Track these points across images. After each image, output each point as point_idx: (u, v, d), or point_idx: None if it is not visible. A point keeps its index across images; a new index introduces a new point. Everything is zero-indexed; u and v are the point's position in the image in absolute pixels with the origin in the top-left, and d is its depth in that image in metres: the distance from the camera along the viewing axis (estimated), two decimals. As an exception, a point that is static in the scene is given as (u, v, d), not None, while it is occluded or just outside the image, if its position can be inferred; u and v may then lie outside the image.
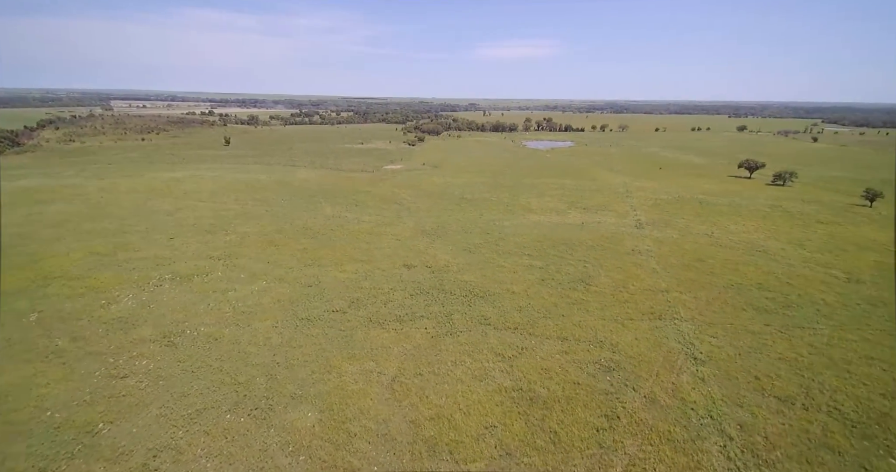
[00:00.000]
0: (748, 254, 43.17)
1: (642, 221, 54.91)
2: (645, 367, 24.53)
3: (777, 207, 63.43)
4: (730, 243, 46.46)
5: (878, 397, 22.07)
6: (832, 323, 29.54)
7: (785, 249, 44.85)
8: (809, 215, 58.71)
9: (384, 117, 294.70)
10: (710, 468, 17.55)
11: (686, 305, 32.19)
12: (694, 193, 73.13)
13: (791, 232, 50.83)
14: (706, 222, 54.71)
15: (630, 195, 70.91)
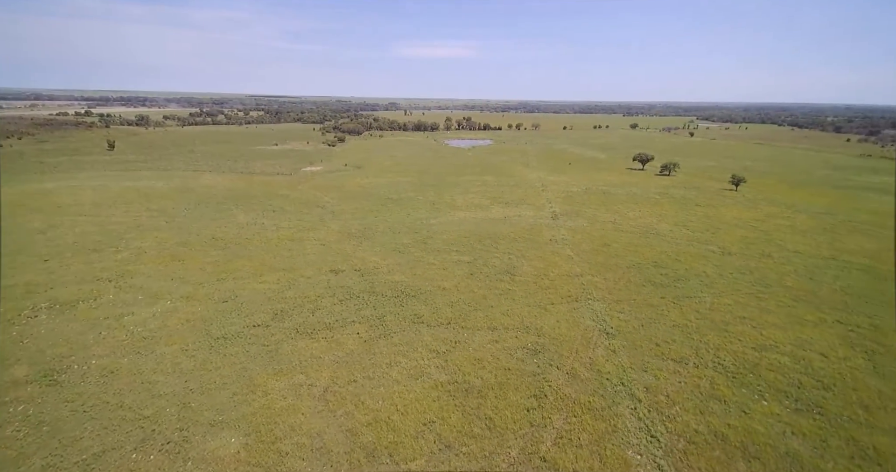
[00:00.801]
0: (644, 236, 48.87)
1: (557, 213, 59.22)
2: (566, 346, 26.61)
3: (665, 194, 72.63)
4: (630, 228, 52.16)
5: (750, 350, 26.44)
6: (712, 291, 34.69)
7: (673, 230, 51.57)
8: (690, 200, 68.17)
9: (299, 117, 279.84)
10: (625, 430, 19.65)
11: (597, 286, 35.50)
12: (599, 185, 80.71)
13: (677, 215, 58.55)
14: (610, 211, 60.75)
15: (545, 189, 76.03)
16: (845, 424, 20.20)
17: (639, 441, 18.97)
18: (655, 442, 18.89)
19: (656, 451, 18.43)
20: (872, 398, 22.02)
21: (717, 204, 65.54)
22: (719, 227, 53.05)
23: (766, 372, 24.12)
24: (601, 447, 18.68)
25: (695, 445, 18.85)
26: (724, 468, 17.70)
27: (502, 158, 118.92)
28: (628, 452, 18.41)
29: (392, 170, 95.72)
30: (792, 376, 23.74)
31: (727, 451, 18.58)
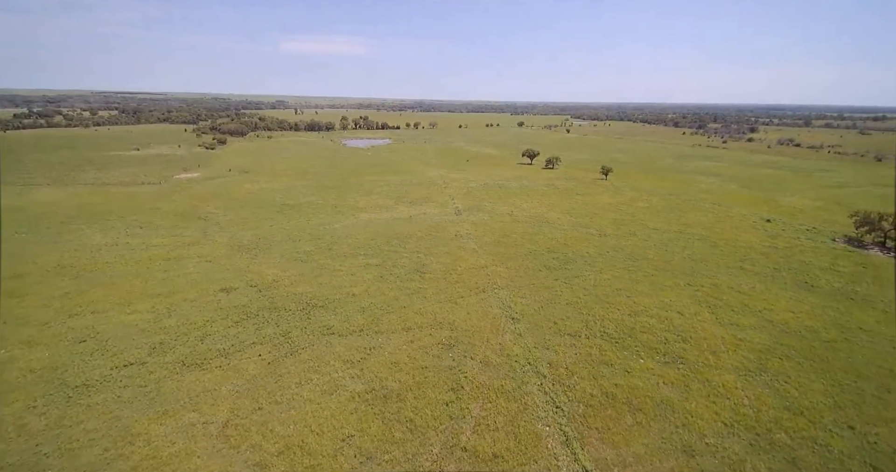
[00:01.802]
0: (538, 225, 53.44)
1: (460, 209, 61.43)
2: (478, 336, 27.82)
3: (551, 186, 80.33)
4: (524, 219, 56.53)
5: (627, 317, 30.66)
6: (595, 269, 39.41)
7: (560, 218, 57.30)
8: (572, 190, 76.46)
9: (165, 116, 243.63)
10: (534, 406, 21.31)
11: (501, 275, 37.78)
12: (495, 180, 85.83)
13: (562, 204, 65.19)
14: (506, 204, 65.06)
15: (447, 186, 78.26)
16: (701, 369, 24.70)
17: (546, 414, 20.74)
18: (560, 412, 20.86)
19: (561, 419, 20.36)
20: (718, 344, 27.29)
21: (592, 192, 74.59)
22: (596, 212, 60.47)
23: (640, 334, 28.26)
24: (515, 426, 19.97)
25: (591, 407, 21.28)
26: (615, 423, 20.30)
27: (403, 157, 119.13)
28: (538, 425, 20.01)
29: (286, 173, 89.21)
30: (659, 335, 28.20)
31: (616, 408, 21.35)
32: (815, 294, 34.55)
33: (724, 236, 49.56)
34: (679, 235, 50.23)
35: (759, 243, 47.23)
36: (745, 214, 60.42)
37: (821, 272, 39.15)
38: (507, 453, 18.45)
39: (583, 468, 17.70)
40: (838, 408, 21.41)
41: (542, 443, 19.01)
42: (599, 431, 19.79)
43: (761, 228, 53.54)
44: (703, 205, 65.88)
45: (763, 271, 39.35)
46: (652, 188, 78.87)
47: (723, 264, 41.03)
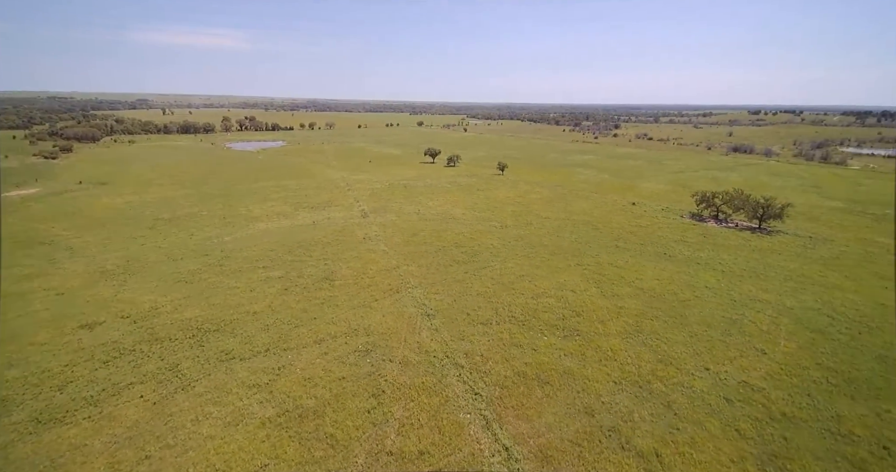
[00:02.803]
0: (444, 222, 55.00)
1: (366, 211, 60.18)
2: (395, 337, 27.70)
3: (454, 183, 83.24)
4: (431, 216, 57.71)
5: (530, 300, 33.30)
6: (499, 259, 42.00)
7: (465, 213, 59.76)
8: (473, 186, 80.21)
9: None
10: (454, 397, 22.04)
11: (413, 274, 38.09)
12: (399, 179, 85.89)
13: (466, 200, 68.03)
14: (413, 203, 65.63)
15: (351, 188, 75.98)
16: (593, 337, 28.02)
17: (466, 402, 21.62)
18: (479, 398, 21.91)
19: (480, 405, 21.41)
20: (604, 314, 31.20)
21: (491, 187, 79.19)
22: (496, 206, 64.37)
23: (542, 314, 30.98)
24: (438, 420, 20.42)
25: (506, 388, 22.76)
26: (528, 399, 22.02)
27: (300, 160, 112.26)
28: (460, 415, 20.76)
29: (158, 183, 77.64)
30: (558, 312, 31.26)
31: (528, 385, 23.17)
32: (672, 262, 41.57)
33: (602, 220, 56.74)
34: (567, 221, 56.08)
35: (628, 224, 55.15)
36: (616, 199, 69.89)
37: (675, 244, 47.23)
38: (432, 447, 18.79)
39: (503, 447, 18.87)
40: (696, 354, 26.16)
41: (464, 431, 19.77)
42: (515, 409, 21.28)
43: (629, 210, 62.53)
44: (584, 193, 74.48)
45: (633, 247, 46.06)
46: (542, 181, 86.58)
47: (602, 244, 46.98)
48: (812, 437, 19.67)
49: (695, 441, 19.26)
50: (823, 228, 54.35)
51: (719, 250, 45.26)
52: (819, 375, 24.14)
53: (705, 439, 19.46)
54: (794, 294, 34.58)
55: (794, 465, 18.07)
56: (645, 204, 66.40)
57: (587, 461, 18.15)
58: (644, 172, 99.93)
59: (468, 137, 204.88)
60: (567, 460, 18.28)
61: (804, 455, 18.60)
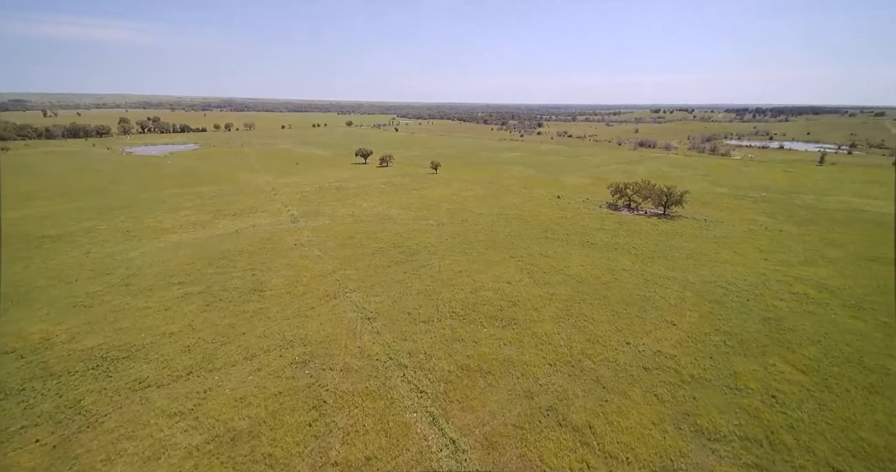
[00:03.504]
0: (381, 223, 54.21)
1: (296, 215, 57.25)
2: (335, 344, 26.77)
3: (388, 183, 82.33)
4: (367, 218, 56.55)
5: (469, 295, 34.06)
6: (438, 256, 42.42)
7: (401, 213, 59.42)
8: (408, 185, 79.99)
9: None
10: (400, 398, 21.90)
11: (351, 278, 37.07)
12: (330, 181, 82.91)
13: (401, 200, 67.65)
14: (346, 205, 63.77)
15: (277, 193, 71.75)
16: (529, 325, 29.45)
17: (412, 402, 21.59)
18: (424, 395, 22.01)
19: (426, 402, 21.51)
20: (538, 302, 32.92)
21: (426, 186, 79.62)
22: (432, 204, 64.86)
23: (481, 307, 31.90)
24: (384, 423, 20.16)
25: (450, 383, 23.12)
26: (472, 391, 22.59)
27: (217, 164, 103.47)
28: (406, 415, 20.68)
29: (41, 196, 66.90)
30: (496, 304, 32.40)
31: (471, 377, 23.75)
32: (594, 249, 45.06)
33: (531, 213, 59.77)
34: (500, 216, 58.23)
35: (555, 216, 58.76)
36: (543, 193, 74.04)
37: (595, 232, 51.26)
38: (379, 452, 18.50)
39: (450, 440, 19.16)
40: (618, 331, 28.67)
41: (411, 431, 19.73)
42: (460, 402, 21.70)
43: (554, 203, 66.60)
44: (514, 189, 77.85)
45: (560, 237, 49.18)
46: (475, 178, 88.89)
47: (533, 236, 49.54)
48: (715, 394, 22.58)
49: (621, 410, 21.15)
50: (715, 211, 62.44)
51: (633, 236, 49.97)
52: (718, 339, 27.75)
53: (630, 406, 21.45)
54: (694, 270, 39.33)
55: (703, 420, 20.61)
56: (568, 197, 71.13)
57: (529, 442, 19.09)
58: (566, 167, 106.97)
59: (400, 137, 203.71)
60: (510, 443, 19.07)
61: (710, 410, 21.29)
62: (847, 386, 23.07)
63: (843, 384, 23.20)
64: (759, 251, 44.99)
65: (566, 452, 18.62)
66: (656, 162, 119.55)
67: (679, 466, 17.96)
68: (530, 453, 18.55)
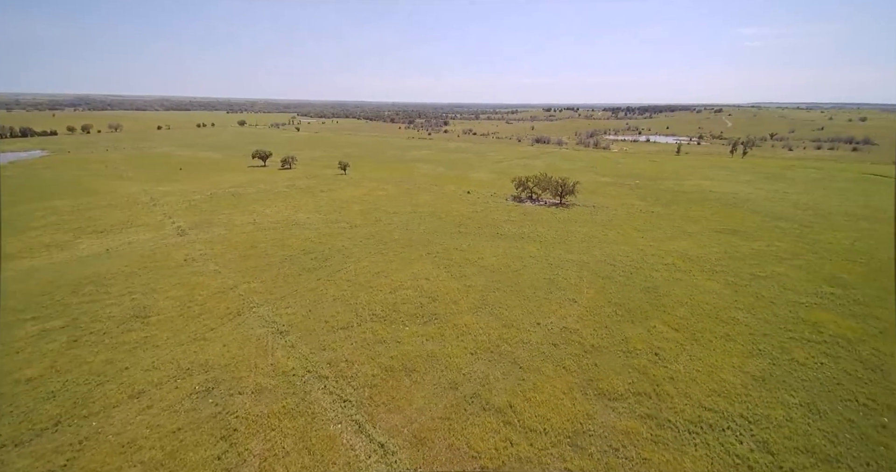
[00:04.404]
0: (287, 229, 50.74)
1: (184, 228, 50.78)
2: (242, 366, 24.43)
3: (293, 186, 77.35)
4: (271, 225, 52.48)
5: (388, 295, 33.64)
6: (353, 259, 41.14)
7: (310, 217, 56.30)
8: (315, 188, 76.05)
9: None
10: (322, 411, 20.87)
11: (256, 291, 34.11)
12: (224, 187, 75.09)
13: (308, 203, 64.08)
14: (245, 212, 58.39)
15: (157, 203, 62.82)
16: (449, 317, 30.15)
17: (335, 413, 20.72)
18: (348, 404, 21.27)
19: (351, 411, 20.82)
20: (456, 295, 33.85)
21: (335, 188, 76.57)
22: (342, 206, 62.62)
23: (402, 306, 31.80)
24: (306, 441, 19.04)
25: (375, 387, 22.69)
26: (397, 391, 22.45)
27: (75, 173, 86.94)
28: (331, 427, 19.79)
29: None
30: (416, 302, 32.56)
31: (396, 377, 23.59)
32: (504, 240, 47.80)
33: (444, 210, 61.17)
34: (413, 214, 58.52)
35: (466, 210, 60.96)
36: (454, 189, 76.23)
37: (504, 223, 54.40)
38: (303, 471, 17.44)
39: (378, 445, 18.83)
40: (529, 313, 30.86)
41: (336, 443, 18.94)
42: (386, 404, 21.42)
43: (465, 199, 69.07)
44: (426, 187, 78.84)
45: (472, 231, 51.19)
46: (385, 177, 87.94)
47: (447, 231, 50.78)
48: (612, 358, 25.60)
49: (537, 386, 22.86)
50: (600, 198, 70.49)
51: (536, 225, 54.10)
52: (611, 310, 31.47)
53: (543, 381, 23.29)
54: (588, 252, 44.01)
55: (604, 384, 23.24)
56: (477, 192, 74.27)
57: (456, 431, 19.63)
58: (473, 164, 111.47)
59: (302, 137, 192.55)
60: (439, 436, 19.41)
61: (609, 374, 24.09)
62: (709, 337, 27.92)
63: (706, 336, 28.01)
64: (637, 230, 52.00)
65: (491, 433, 19.55)
66: (551, 156, 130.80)
67: (588, 428, 20.03)
68: (458, 441, 19.10)
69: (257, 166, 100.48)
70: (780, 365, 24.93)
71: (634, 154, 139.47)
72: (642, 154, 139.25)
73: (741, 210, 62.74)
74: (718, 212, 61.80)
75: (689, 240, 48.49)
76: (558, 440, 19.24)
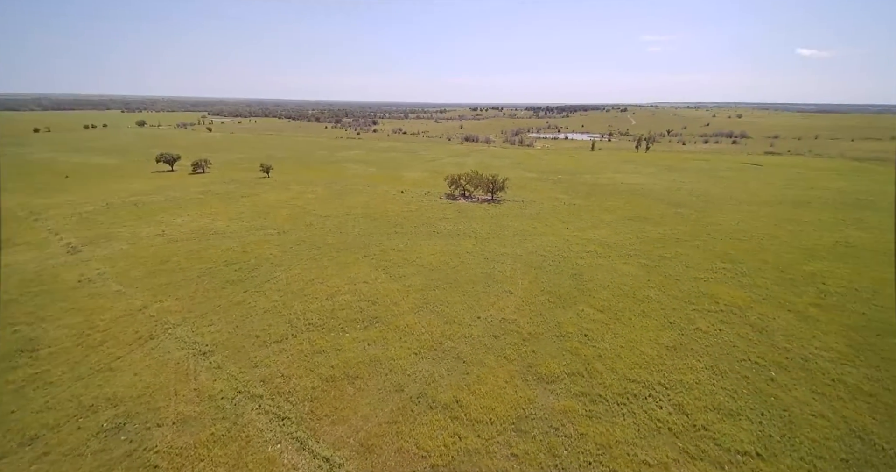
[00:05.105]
0: (205, 239, 46.36)
1: (75, 245, 44.08)
2: (160, 395, 21.89)
3: (208, 192, 70.81)
4: (184, 236, 47.56)
5: (325, 302, 32.25)
6: (284, 268, 38.78)
7: (230, 225, 51.97)
8: (234, 193, 70.36)
9: None
10: (257, 432, 19.43)
11: (171, 310, 30.73)
12: (123, 196, 66.42)
13: (228, 210, 59.13)
14: (152, 223, 52.28)
15: (39, 217, 53.81)
16: (391, 319, 29.72)
17: (273, 433, 19.42)
18: (287, 421, 20.05)
19: (290, 428, 19.66)
20: (396, 296, 33.46)
21: (258, 192, 71.54)
22: (268, 212, 58.74)
23: (340, 312, 30.71)
24: (242, 466, 17.59)
25: (316, 400, 21.67)
26: (340, 401, 21.66)
27: (-83, 187, 71.04)
28: (269, 449, 18.51)
29: None
30: (355, 306, 31.64)
31: (338, 386, 22.74)
32: (440, 237, 48.28)
33: (378, 210, 60.14)
34: (347, 216, 56.76)
35: (402, 210, 60.56)
36: (387, 190, 75.26)
37: (439, 222, 54.94)
38: (241, 500, 16.13)
39: (324, 459, 18.02)
40: (470, 308, 31.53)
41: (277, 463, 17.77)
42: (329, 416, 20.56)
43: (399, 198, 68.56)
44: (358, 188, 76.88)
45: (409, 230, 50.99)
46: (314, 180, 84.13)
47: (383, 232, 50.02)
48: (548, 344, 27.12)
49: (481, 378, 23.48)
50: (528, 193, 74.20)
51: (471, 221, 55.42)
52: (544, 298, 33.31)
53: (487, 373, 23.99)
54: (520, 245, 46.11)
55: (542, 368, 24.55)
56: (411, 191, 74.07)
57: (404, 433, 19.47)
58: (405, 163, 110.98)
59: (216, 138, 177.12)
60: (386, 441, 19.10)
61: (546, 359, 25.49)
62: (629, 315, 30.75)
63: (626, 315, 30.82)
64: (562, 222, 55.61)
65: (439, 431, 19.68)
66: (481, 154, 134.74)
67: (530, 412, 21.02)
68: (406, 444, 18.95)
69: (163, 171, 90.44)
70: (687, 334, 28.27)
71: (556, 151, 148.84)
72: (562, 151, 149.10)
73: (648, 199, 69.94)
74: (629, 202, 68.23)
75: (606, 228, 52.93)
76: (503, 428, 19.94)
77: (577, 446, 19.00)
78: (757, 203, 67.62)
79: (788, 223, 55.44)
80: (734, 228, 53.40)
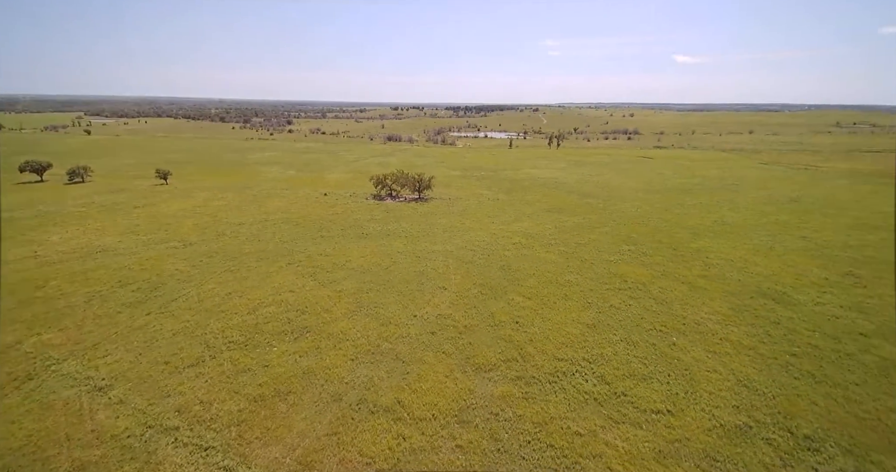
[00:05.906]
0: (90, 259, 40.00)
1: None
2: (47, 443, 18.44)
3: (90, 203, 61.19)
4: (65, 257, 40.57)
5: (247, 317, 29.71)
6: (194, 283, 34.91)
7: (121, 241, 45.46)
8: (126, 203, 61.69)
9: None
10: (174, 466, 17.18)
11: (53, 344, 26.03)
12: (-25, 213, 54.59)
13: (118, 224, 51.66)
14: (20, 243, 43.71)
15: None
16: (323, 327, 28.37)
17: (195, 466, 17.38)
18: (212, 451, 18.12)
19: (216, 458, 17.79)
20: (327, 302, 31.99)
21: (156, 202, 63.56)
22: (170, 222, 52.47)
23: (265, 326, 28.55)
24: (161, 508, 15.60)
25: (244, 423, 19.92)
26: (273, 419, 20.17)
27: None
28: (192, 484, 16.63)
29: None
30: (282, 317, 29.61)
31: (268, 404, 21.13)
32: (369, 239, 47.24)
33: (300, 215, 56.99)
34: (266, 223, 52.92)
35: (326, 213, 58.10)
36: (308, 192, 71.62)
37: (367, 223, 53.73)
38: (162, 547, 14.27)
39: (259, 484, 16.68)
40: (405, 307, 31.29)
41: (204, 498, 16.05)
42: (261, 438, 19.04)
43: (323, 201, 65.69)
44: (276, 192, 72.05)
45: (335, 233, 49.10)
46: (223, 185, 77.05)
47: (308, 237, 47.55)
48: (482, 334, 28.01)
49: (421, 376, 23.49)
50: (454, 190, 75.80)
51: (400, 221, 55.06)
52: (477, 291, 34.32)
53: (427, 369, 24.08)
54: (450, 240, 46.96)
55: (479, 359, 25.28)
56: (335, 193, 71.37)
57: (345, 443, 18.77)
58: (326, 164, 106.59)
59: (97, 142, 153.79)
60: (327, 454, 18.25)
61: (482, 348, 26.31)
62: (554, 300, 32.97)
63: (552, 299, 33.00)
64: (488, 217, 57.78)
65: (382, 435, 19.31)
66: (404, 154, 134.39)
67: (471, 402, 21.55)
68: (349, 453, 18.30)
69: (31, 182, 76.19)
70: (603, 312, 31.14)
71: (477, 149, 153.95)
72: (483, 149, 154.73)
73: (561, 192, 75.57)
74: (546, 195, 73.09)
75: (528, 221, 56.11)
76: (447, 422, 20.19)
77: (517, 427, 19.93)
78: (651, 191, 76.64)
79: (676, 207, 63.74)
80: (634, 213, 59.96)
